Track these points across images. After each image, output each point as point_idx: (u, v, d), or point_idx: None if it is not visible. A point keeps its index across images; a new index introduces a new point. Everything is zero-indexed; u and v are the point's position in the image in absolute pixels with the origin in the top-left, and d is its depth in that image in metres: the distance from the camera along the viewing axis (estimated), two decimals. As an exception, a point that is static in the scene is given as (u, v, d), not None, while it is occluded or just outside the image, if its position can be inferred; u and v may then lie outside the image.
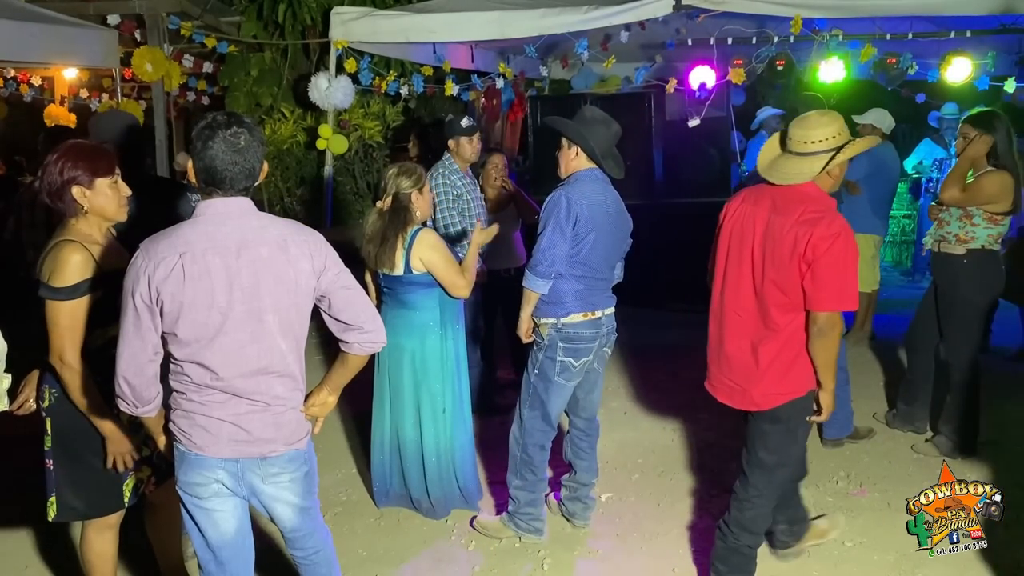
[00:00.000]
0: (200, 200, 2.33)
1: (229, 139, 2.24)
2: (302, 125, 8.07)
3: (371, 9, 7.46)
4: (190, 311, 2.23)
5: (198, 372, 2.31)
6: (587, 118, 3.50)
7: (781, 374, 3.00)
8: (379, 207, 3.71)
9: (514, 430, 3.67)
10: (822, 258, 2.83)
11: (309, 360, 2.53)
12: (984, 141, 4.20)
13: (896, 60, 6.58)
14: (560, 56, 7.78)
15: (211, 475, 2.39)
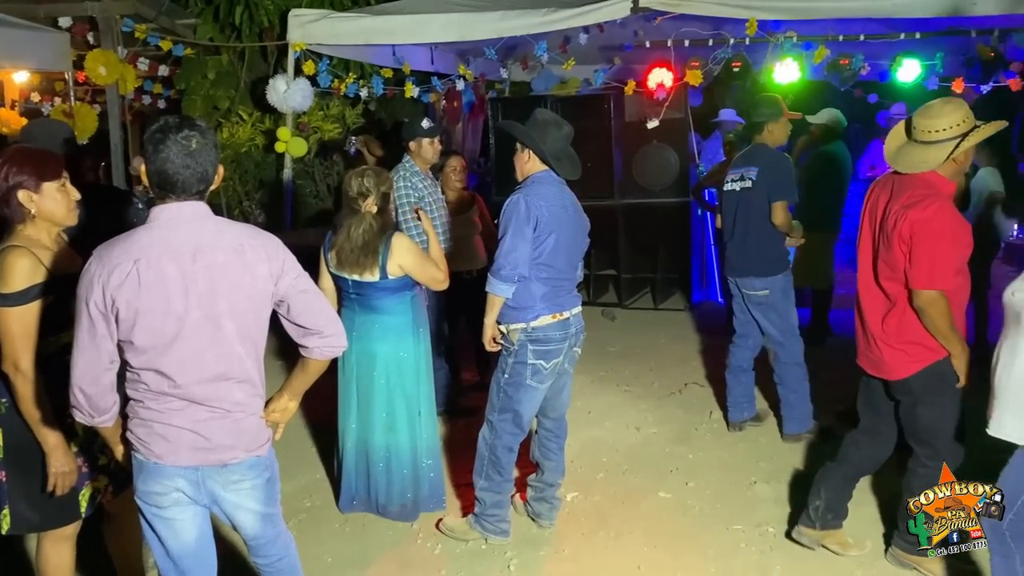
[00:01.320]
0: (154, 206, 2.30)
1: (181, 142, 2.21)
2: (260, 128, 7.99)
3: (329, 11, 7.41)
4: (146, 318, 2.20)
5: (155, 380, 2.27)
6: (538, 120, 3.52)
7: (907, 344, 3.20)
8: (368, 211, 3.65)
9: (484, 432, 3.67)
10: (915, 239, 3.02)
11: (269, 365, 2.51)
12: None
13: (849, 61, 6.70)
14: (520, 58, 7.80)
15: (170, 484, 2.35)
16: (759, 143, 4.70)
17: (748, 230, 4.64)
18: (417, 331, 3.80)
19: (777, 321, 4.65)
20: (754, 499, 4.10)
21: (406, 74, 7.50)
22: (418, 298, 3.84)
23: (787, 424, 4.74)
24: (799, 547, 3.64)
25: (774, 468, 4.43)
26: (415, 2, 7.17)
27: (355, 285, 3.68)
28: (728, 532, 3.79)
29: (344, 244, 3.63)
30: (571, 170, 3.56)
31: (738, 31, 6.51)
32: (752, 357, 4.85)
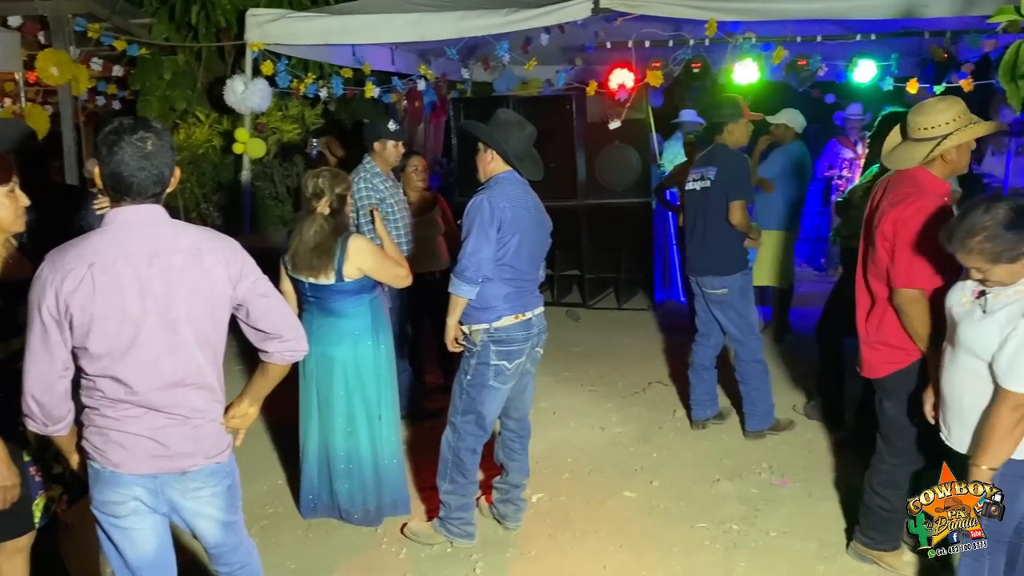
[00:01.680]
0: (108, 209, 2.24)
1: (136, 144, 2.16)
2: (218, 129, 7.87)
3: (287, 11, 7.32)
4: (101, 324, 2.15)
5: (111, 387, 2.22)
6: (501, 121, 3.50)
7: (884, 344, 3.24)
8: (321, 212, 3.61)
9: (447, 435, 3.64)
10: (896, 236, 3.05)
11: (229, 371, 2.47)
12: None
13: (807, 62, 6.79)
14: (481, 58, 7.78)
15: (128, 492, 2.31)
16: (719, 143, 4.74)
17: (707, 230, 4.67)
18: (377, 334, 3.76)
19: (736, 319, 4.69)
20: (718, 496, 4.13)
21: (366, 74, 7.44)
22: (378, 300, 3.80)
23: (749, 421, 4.79)
24: (762, 544, 3.67)
25: (737, 465, 4.46)
26: (375, 2, 7.12)
27: (312, 288, 3.63)
28: (692, 530, 3.81)
29: (297, 246, 3.59)
30: (534, 171, 3.55)
31: (698, 32, 6.56)
32: (714, 355, 4.89)
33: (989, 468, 2.52)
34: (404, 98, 7.88)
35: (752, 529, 3.80)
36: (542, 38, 6.86)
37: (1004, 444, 2.51)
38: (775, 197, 6.43)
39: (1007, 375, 2.48)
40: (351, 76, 7.54)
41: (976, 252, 2.51)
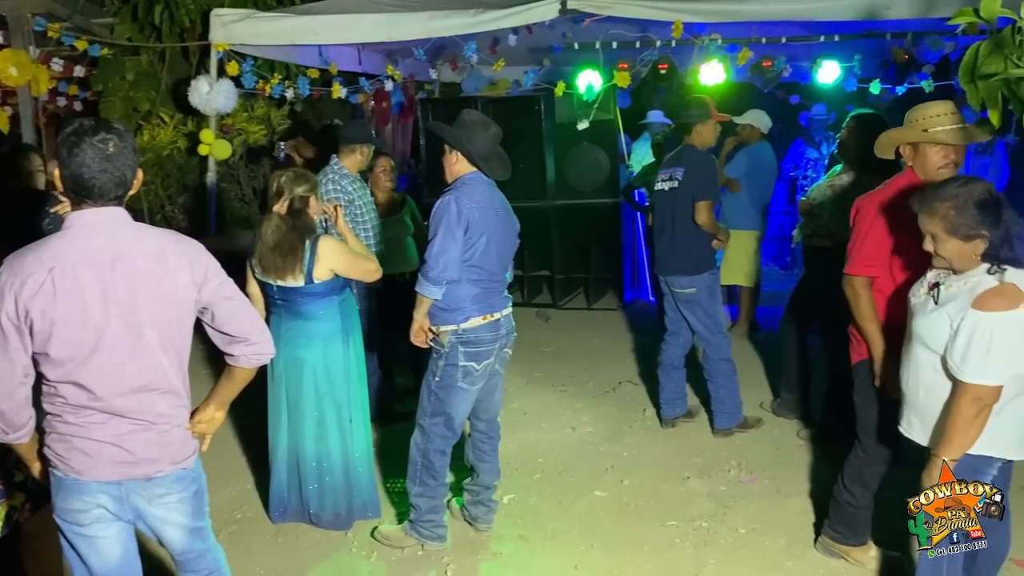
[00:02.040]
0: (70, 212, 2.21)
1: (97, 146, 2.13)
2: (183, 130, 7.77)
3: (253, 11, 7.25)
4: (62, 329, 2.11)
5: (74, 392, 2.18)
6: (466, 122, 3.50)
7: (853, 335, 3.35)
8: (278, 211, 3.59)
9: (416, 437, 3.63)
10: (855, 225, 3.18)
11: (195, 375, 2.44)
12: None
13: (771, 63, 6.85)
14: (449, 59, 7.76)
15: (92, 500, 2.27)
16: (688, 144, 4.77)
17: (676, 229, 4.71)
18: (347, 336, 3.74)
19: (704, 318, 4.72)
20: (687, 494, 4.15)
21: (333, 75, 7.39)
22: (348, 302, 3.78)
23: (717, 419, 4.82)
24: (731, 541, 3.70)
25: (706, 463, 4.50)
26: (341, 2, 7.07)
27: (280, 291, 3.60)
28: (663, 528, 3.83)
29: (260, 247, 3.57)
30: (501, 171, 3.55)
31: (664, 33, 6.61)
32: (683, 354, 4.92)
33: (950, 460, 2.55)
34: (371, 99, 7.83)
35: (721, 526, 3.83)
36: (510, 39, 6.86)
37: (965, 436, 2.54)
38: (741, 197, 6.49)
39: (961, 367, 2.50)
40: (318, 77, 7.49)
41: (939, 216, 2.54)
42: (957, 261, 2.58)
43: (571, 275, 7.95)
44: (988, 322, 2.45)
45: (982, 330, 2.45)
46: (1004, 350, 2.44)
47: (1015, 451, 2.63)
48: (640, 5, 6.20)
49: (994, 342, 2.44)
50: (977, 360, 2.46)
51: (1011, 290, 2.47)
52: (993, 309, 2.46)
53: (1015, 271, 2.51)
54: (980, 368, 2.46)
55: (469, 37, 6.70)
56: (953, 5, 5.13)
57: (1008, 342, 2.44)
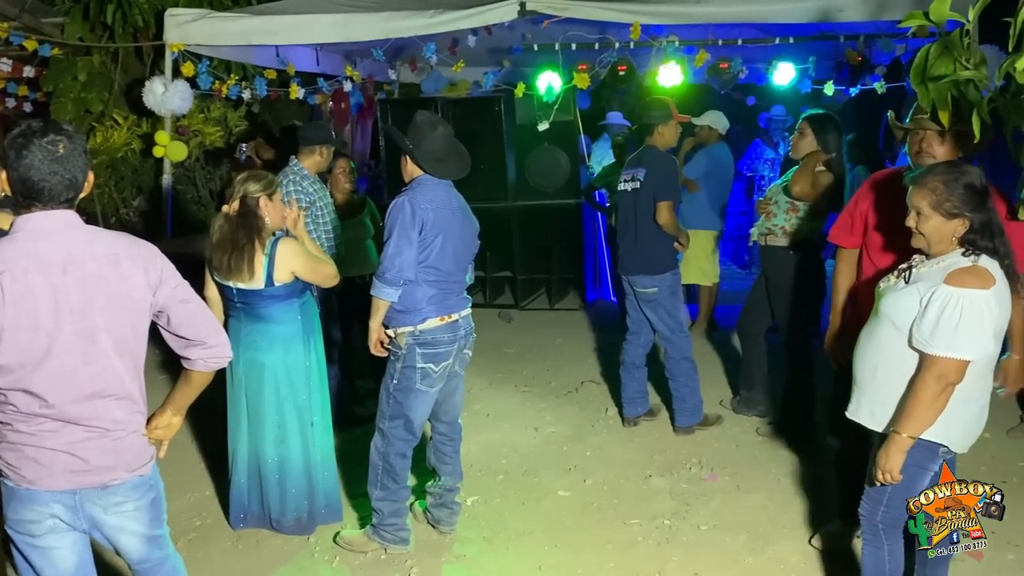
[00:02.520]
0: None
1: (46, 147, 2.08)
2: (137, 132, 7.64)
3: (208, 11, 7.15)
4: (12, 335, 2.06)
5: (25, 400, 2.13)
6: (415, 123, 3.47)
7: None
8: (225, 211, 3.56)
9: (376, 440, 3.61)
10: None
11: (151, 380, 2.40)
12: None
13: (728, 65, 6.94)
14: (409, 59, 7.74)
15: (45, 510, 2.22)
16: (649, 145, 4.82)
17: (638, 230, 4.74)
18: (308, 339, 3.70)
19: (666, 318, 4.76)
20: (650, 492, 4.18)
21: (291, 75, 7.32)
22: (308, 305, 3.75)
23: (678, 417, 4.87)
24: (693, 537, 3.73)
25: (667, 461, 4.53)
26: (299, 2, 7.01)
27: (240, 293, 3.55)
28: (626, 526, 3.86)
29: (207, 246, 3.53)
30: (455, 170, 3.51)
31: (622, 35, 6.66)
32: (645, 353, 4.95)
33: (909, 436, 2.56)
34: (330, 99, 7.78)
35: (683, 524, 3.86)
36: (469, 40, 6.86)
37: (927, 413, 2.54)
38: (700, 197, 6.56)
39: (929, 340, 2.50)
40: (275, 77, 7.41)
41: (928, 189, 2.58)
42: (935, 241, 2.60)
43: (533, 276, 7.97)
44: (959, 297, 2.46)
45: (953, 304, 2.47)
46: (973, 327, 2.46)
47: (960, 443, 2.65)
48: (598, 7, 6.25)
49: (964, 317, 2.45)
50: (946, 333, 2.47)
51: (983, 272, 2.51)
52: (965, 286, 2.48)
53: (988, 259, 2.54)
54: (949, 341, 2.47)
55: (428, 38, 6.68)
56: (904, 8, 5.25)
57: (978, 320, 2.46)
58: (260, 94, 7.39)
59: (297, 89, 7.35)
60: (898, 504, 2.69)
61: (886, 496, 2.70)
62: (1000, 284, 2.52)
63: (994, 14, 2.46)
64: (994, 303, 2.48)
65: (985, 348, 2.51)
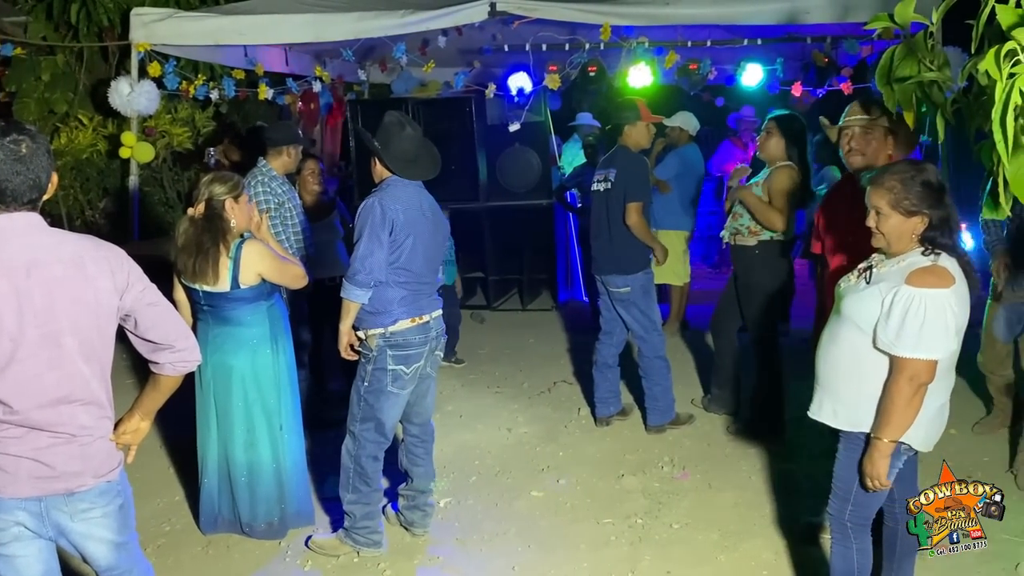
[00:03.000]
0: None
1: (9, 147, 2.05)
2: (103, 133, 7.53)
3: (175, 10, 7.08)
4: (-26, 340, 2.02)
5: (-12, 406, 2.09)
6: (384, 124, 3.45)
7: None
8: (190, 214, 3.52)
9: (347, 444, 3.58)
10: None
11: (119, 384, 2.36)
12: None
13: (697, 66, 6.99)
14: (379, 60, 7.70)
15: (9, 517, 2.18)
16: (620, 145, 4.84)
17: (611, 230, 4.76)
18: (276, 342, 3.67)
19: (640, 317, 4.79)
20: (622, 492, 4.20)
21: (259, 75, 7.26)
22: (276, 308, 3.71)
23: (650, 416, 4.89)
24: (666, 536, 3.75)
25: (640, 460, 4.55)
26: (267, 2, 6.96)
27: (206, 296, 3.51)
28: (599, 526, 3.87)
29: (175, 251, 3.50)
30: (426, 170, 3.50)
31: (593, 36, 6.68)
32: (617, 353, 4.97)
33: (890, 440, 2.58)
34: (299, 100, 7.72)
35: (656, 522, 3.88)
36: (439, 40, 6.85)
37: (904, 416, 2.56)
38: (671, 198, 6.61)
39: (896, 343, 2.52)
40: (243, 78, 7.34)
41: (886, 188, 2.60)
42: (895, 239, 2.61)
43: (505, 276, 7.97)
44: (922, 297, 2.49)
45: (916, 305, 2.49)
46: (937, 326, 2.48)
47: (922, 441, 2.66)
48: (568, 8, 6.27)
49: (927, 317, 2.47)
50: (912, 334, 2.49)
51: (942, 271, 2.53)
52: (926, 286, 2.50)
53: (947, 257, 2.57)
54: (915, 342, 2.49)
55: (398, 38, 6.67)
56: (869, 10, 5.32)
57: (942, 319, 2.49)
58: (228, 94, 7.32)
59: (266, 89, 7.29)
60: (865, 503, 2.71)
61: (852, 495, 2.72)
62: (959, 282, 2.55)
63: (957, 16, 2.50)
64: (954, 301, 2.51)
65: (950, 346, 2.54)
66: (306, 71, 7.91)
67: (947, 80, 2.65)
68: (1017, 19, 2.10)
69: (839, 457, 2.75)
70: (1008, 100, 2.02)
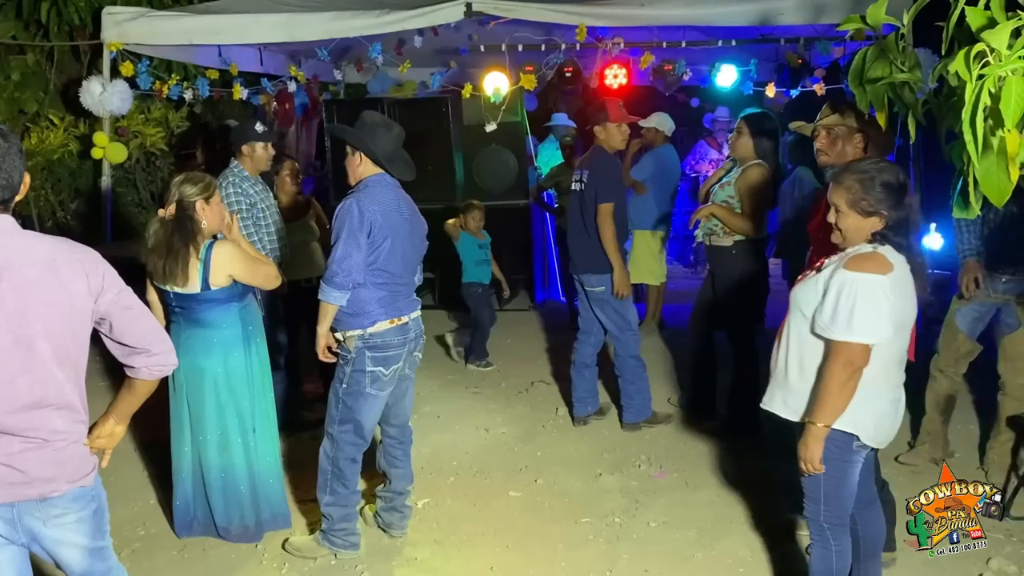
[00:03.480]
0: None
1: None
2: (74, 133, 7.44)
3: (147, 9, 7.00)
4: (-56, 344, 1.99)
5: (-42, 411, 2.06)
6: (367, 122, 3.44)
7: None
8: (161, 215, 3.49)
9: (325, 446, 3.56)
10: None
11: (93, 387, 2.34)
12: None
13: (672, 67, 7.03)
14: (354, 60, 7.67)
15: (-19, 524, 2.15)
16: (595, 146, 4.86)
17: (586, 229, 4.78)
18: (249, 344, 3.63)
19: (614, 316, 4.81)
20: (600, 491, 4.21)
21: (234, 75, 7.20)
22: (249, 309, 3.68)
23: (626, 414, 4.92)
24: (644, 535, 3.77)
25: (617, 459, 4.57)
26: (241, 1, 6.90)
27: (177, 297, 3.48)
28: (577, 525, 3.88)
29: (143, 250, 3.47)
30: (405, 171, 3.51)
31: (569, 37, 6.70)
32: (595, 352, 4.99)
33: (824, 425, 2.60)
34: (274, 100, 7.67)
35: (633, 521, 3.89)
36: (415, 40, 6.83)
37: (837, 401, 2.58)
38: (647, 198, 6.64)
39: (830, 326, 2.55)
40: (217, 77, 7.28)
41: (844, 187, 2.63)
42: (851, 237, 2.65)
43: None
44: (855, 281, 2.52)
45: (849, 288, 2.52)
46: (870, 310, 2.50)
47: (871, 435, 2.68)
48: (544, 8, 6.28)
49: (859, 300, 2.50)
50: (844, 317, 2.52)
51: (880, 258, 2.56)
52: (861, 270, 2.53)
53: (889, 248, 2.60)
54: (847, 325, 2.52)
55: (374, 38, 6.64)
56: (841, 12, 5.37)
57: (874, 303, 2.51)
58: (202, 95, 7.25)
59: (240, 89, 7.23)
60: (837, 502, 2.73)
61: (823, 496, 2.73)
62: (899, 271, 2.58)
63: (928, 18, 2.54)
64: (890, 289, 2.53)
65: (883, 332, 2.54)
66: (281, 71, 7.86)
67: (918, 81, 2.69)
68: (986, 21, 2.14)
69: (799, 455, 2.73)
70: (978, 101, 2.05)
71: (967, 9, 2.19)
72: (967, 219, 3.74)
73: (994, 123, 2.07)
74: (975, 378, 4.69)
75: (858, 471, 2.72)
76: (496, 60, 7.06)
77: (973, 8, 2.18)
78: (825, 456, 2.65)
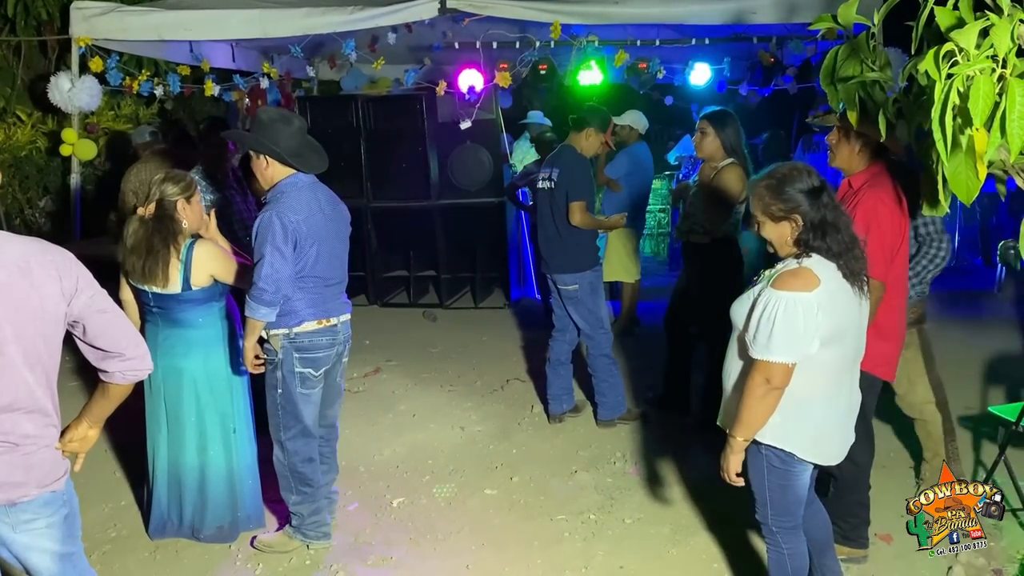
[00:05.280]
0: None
1: None
2: (42, 129, 7.35)
3: (117, 4, 6.92)
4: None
5: (-75, 415, 2.02)
6: (263, 121, 3.34)
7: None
8: (140, 214, 3.44)
9: (277, 455, 3.53)
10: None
11: (64, 387, 2.30)
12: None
13: (646, 65, 7.06)
14: (328, 56, 7.63)
15: (-52, 529, 2.11)
16: (565, 144, 4.86)
17: (557, 228, 4.78)
18: (229, 344, 3.61)
19: (587, 315, 4.81)
20: (575, 488, 4.22)
21: (205, 71, 7.13)
22: (230, 309, 3.65)
23: (600, 411, 4.94)
24: (619, 531, 3.79)
25: (592, 456, 4.59)
26: (213, -4, 6.85)
27: (156, 298, 3.44)
28: (552, 523, 3.88)
29: (121, 250, 3.42)
30: (318, 163, 3.40)
31: (543, 34, 6.71)
32: (570, 350, 5.00)
33: (743, 439, 2.62)
34: (246, 96, 7.60)
35: (608, 518, 3.91)
36: (389, 37, 6.80)
37: (752, 416, 2.58)
38: (621, 196, 6.65)
39: (752, 344, 2.55)
40: (189, 73, 7.20)
41: (757, 195, 2.63)
42: (779, 246, 2.64)
43: (457, 274, 7.94)
44: (777, 300, 2.50)
45: (770, 307, 2.51)
46: (788, 330, 2.48)
47: (811, 452, 2.66)
48: (518, 6, 6.28)
49: (778, 320, 2.48)
50: (764, 336, 2.51)
51: (806, 273, 2.52)
52: (786, 288, 2.51)
53: (818, 259, 2.55)
54: (765, 344, 2.51)
55: (347, 35, 6.61)
56: (813, 11, 5.42)
57: (793, 322, 2.48)
58: (173, 91, 7.18)
59: (212, 86, 7.16)
60: (784, 508, 2.73)
61: (768, 501, 2.75)
62: (829, 284, 2.53)
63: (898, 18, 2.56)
64: (814, 305, 2.49)
65: (803, 350, 2.51)
66: (254, 67, 7.80)
67: (888, 80, 2.71)
68: (955, 21, 2.17)
69: (746, 464, 2.73)
70: (946, 100, 2.08)
71: (936, 9, 2.21)
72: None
73: (963, 122, 2.10)
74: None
75: (805, 479, 2.72)
76: (470, 57, 7.05)
77: (942, 8, 2.21)
78: (768, 466, 2.67)
